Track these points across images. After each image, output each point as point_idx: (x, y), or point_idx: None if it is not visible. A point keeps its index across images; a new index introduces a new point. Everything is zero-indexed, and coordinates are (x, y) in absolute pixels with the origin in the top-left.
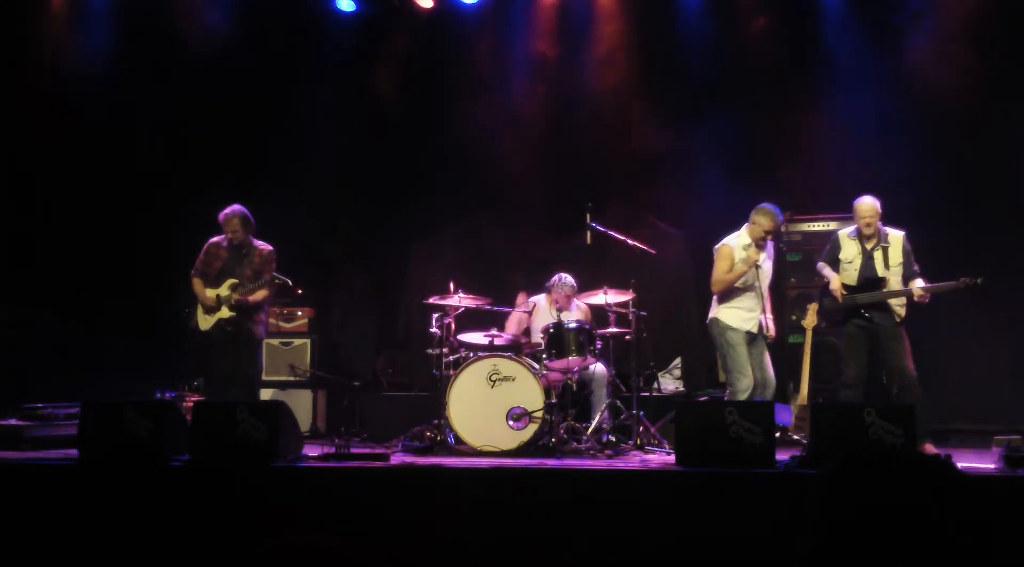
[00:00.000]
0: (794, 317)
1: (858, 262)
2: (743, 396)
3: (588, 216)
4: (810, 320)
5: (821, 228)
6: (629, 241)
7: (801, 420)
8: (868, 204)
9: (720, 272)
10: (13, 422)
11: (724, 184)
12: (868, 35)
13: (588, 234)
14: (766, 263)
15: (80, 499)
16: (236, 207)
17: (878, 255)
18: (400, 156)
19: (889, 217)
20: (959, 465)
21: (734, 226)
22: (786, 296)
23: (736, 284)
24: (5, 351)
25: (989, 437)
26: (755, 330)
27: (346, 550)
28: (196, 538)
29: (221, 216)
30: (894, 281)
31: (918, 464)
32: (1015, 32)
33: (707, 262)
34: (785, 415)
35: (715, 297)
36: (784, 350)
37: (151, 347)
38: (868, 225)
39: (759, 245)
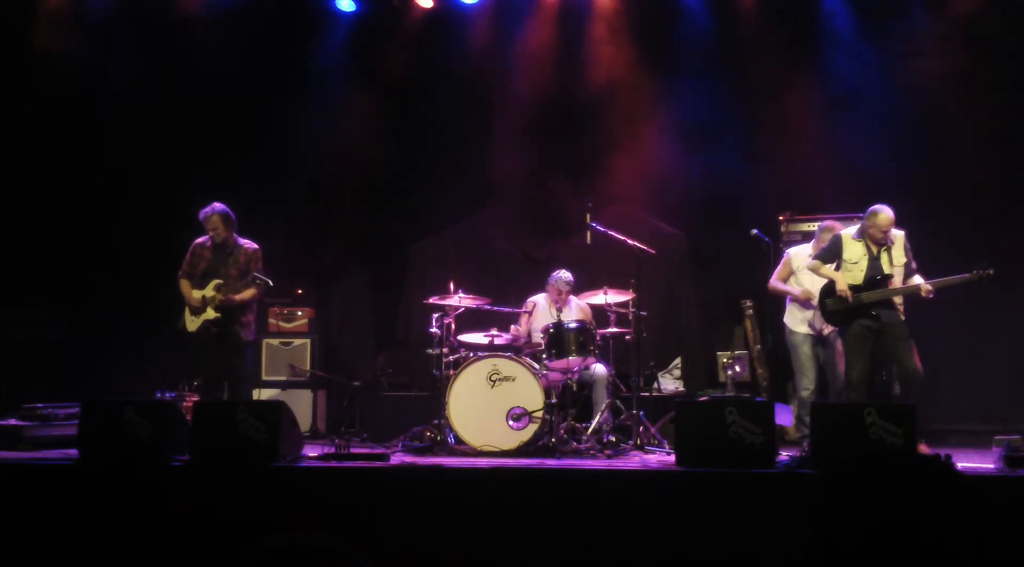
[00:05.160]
0: None
1: (864, 262)
2: (804, 394)
3: (588, 216)
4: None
5: None
6: (629, 241)
7: (801, 420)
8: (889, 217)
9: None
10: (13, 422)
11: (724, 185)
12: (866, 33)
13: (588, 234)
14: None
15: (80, 499)
16: (216, 205)
17: (884, 255)
18: (400, 155)
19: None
20: (959, 465)
21: (733, 226)
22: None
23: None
24: (5, 351)
25: (989, 437)
26: (815, 332)
27: (345, 550)
28: (196, 538)
29: (201, 215)
30: (897, 280)
31: (917, 467)
32: (1013, 25)
33: (707, 262)
34: (785, 415)
35: None
36: (784, 350)
37: (151, 347)
38: (884, 234)
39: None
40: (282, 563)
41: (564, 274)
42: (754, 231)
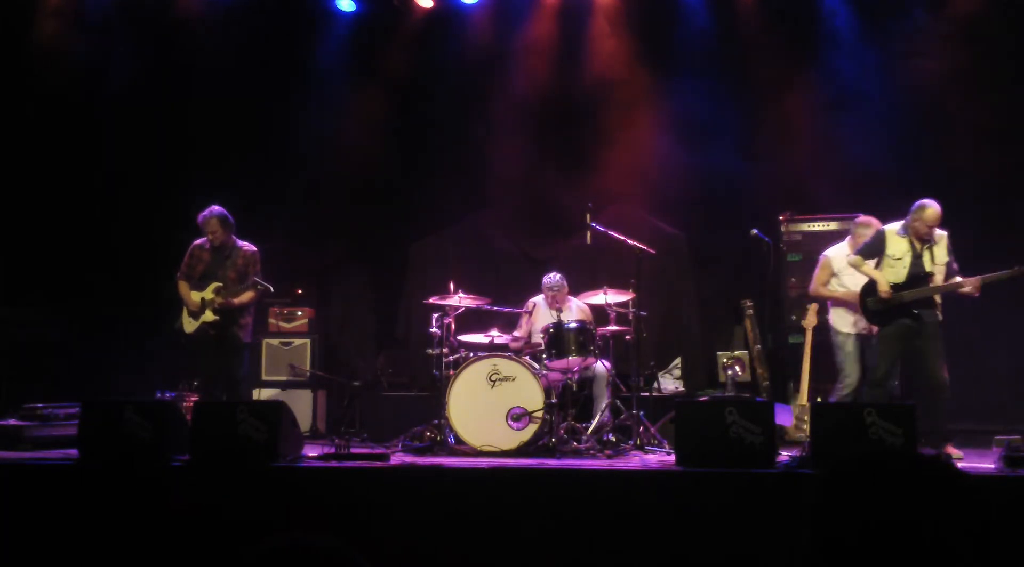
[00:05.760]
0: (794, 317)
1: (908, 259)
2: (845, 391)
3: (588, 216)
4: (810, 320)
5: (821, 228)
6: (629, 241)
7: (801, 420)
8: (936, 212)
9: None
10: (13, 422)
11: (724, 185)
12: (866, 33)
13: (588, 234)
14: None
15: (80, 499)
16: (214, 208)
17: (926, 253)
18: (400, 155)
19: (892, 214)
20: (959, 465)
21: (733, 226)
22: (786, 296)
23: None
24: (5, 351)
25: (989, 437)
26: (863, 332)
27: (345, 550)
28: (196, 538)
29: (199, 218)
30: (939, 278)
31: (917, 467)
32: (1013, 25)
33: (707, 262)
34: (785, 415)
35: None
36: (784, 350)
37: (151, 347)
38: (930, 229)
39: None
40: (282, 563)
41: (551, 276)
42: (754, 231)
